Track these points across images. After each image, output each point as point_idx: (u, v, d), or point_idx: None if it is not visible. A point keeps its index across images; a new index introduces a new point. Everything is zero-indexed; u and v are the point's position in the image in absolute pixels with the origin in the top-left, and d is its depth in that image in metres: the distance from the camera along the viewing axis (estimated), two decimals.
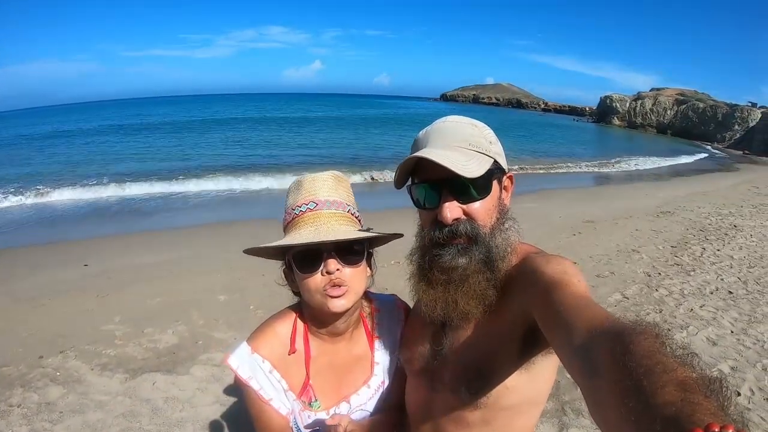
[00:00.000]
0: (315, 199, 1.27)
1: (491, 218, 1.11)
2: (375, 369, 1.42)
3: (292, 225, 1.27)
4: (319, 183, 1.30)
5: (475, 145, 1.09)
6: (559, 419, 3.56)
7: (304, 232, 1.22)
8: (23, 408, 3.63)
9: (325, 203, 1.27)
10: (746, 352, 4.62)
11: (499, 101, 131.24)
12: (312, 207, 1.26)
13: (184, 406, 3.69)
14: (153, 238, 8.68)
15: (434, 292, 1.14)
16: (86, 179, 14.41)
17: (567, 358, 0.81)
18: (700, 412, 0.50)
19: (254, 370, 1.25)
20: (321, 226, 1.23)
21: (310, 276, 1.22)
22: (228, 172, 15.75)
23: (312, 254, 1.21)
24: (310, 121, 45.80)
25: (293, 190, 1.32)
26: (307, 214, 1.25)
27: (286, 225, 1.30)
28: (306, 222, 1.25)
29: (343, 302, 1.22)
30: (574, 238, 8.65)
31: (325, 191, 1.29)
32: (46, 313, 5.30)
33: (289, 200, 1.31)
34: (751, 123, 54.65)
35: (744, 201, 14.08)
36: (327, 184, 1.30)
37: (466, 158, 1.06)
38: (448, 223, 1.08)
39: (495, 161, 1.11)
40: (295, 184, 1.33)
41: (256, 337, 1.30)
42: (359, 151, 24.20)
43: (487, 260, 1.10)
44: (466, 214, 1.09)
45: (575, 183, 17.67)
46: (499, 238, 1.11)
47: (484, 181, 1.07)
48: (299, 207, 1.27)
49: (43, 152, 23.11)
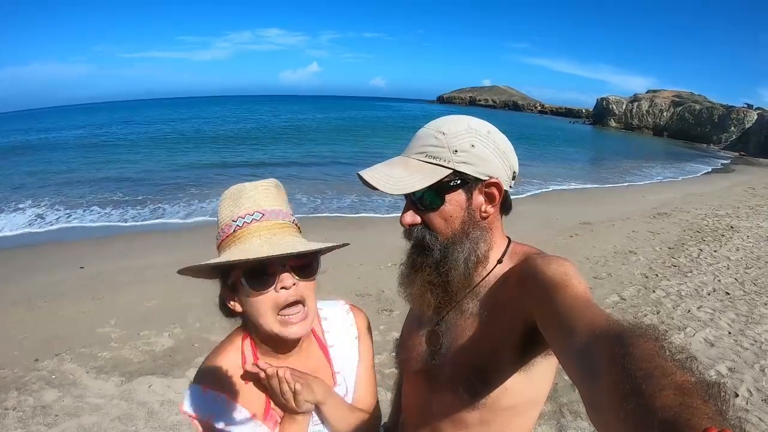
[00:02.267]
0: (260, 209, 1.16)
1: (449, 227, 1.12)
2: (337, 378, 1.34)
3: (234, 239, 1.14)
4: (262, 192, 1.19)
5: (433, 156, 1.09)
6: (557, 421, 3.56)
7: (252, 245, 1.11)
8: (18, 411, 3.61)
9: (271, 213, 1.17)
10: (744, 353, 4.62)
11: (495, 103, 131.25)
12: (258, 218, 1.15)
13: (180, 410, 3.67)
14: (148, 240, 8.67)
15: (402, 281, 1.22)
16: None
17: (566, 359, 0.81)
18: (698, 416, 0.49)
19: (212, 408, 1.15)
20: (271, 238, 1.13)
21: (263, 294, 1.11)
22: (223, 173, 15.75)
23: (264, 270, 1.11)
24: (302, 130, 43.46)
25: (231, 200, 1.19)
26: (252, 226, 1.14)
27: (224, 240, 1.17)
28: (252, 234, 1.13)
29: (299, 328, 1.15)
30: (571, 240, 8.67)
31: (269, 200, 1.18)
32: (42, 315, 5.28)
33: (225, 212, 1.19)
34: (747, 125, 54.84)
35: (740, 202, 14.14)
36: (270, 193, 1.20)
37: (409, 173, 1.09)
38: (404, 227, 1.15)
39: (455, 171, 1.08)
40: (234, 194, 1.20)
41: (204, 374, 1.20)
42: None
43: (437, 265, 1.13)
44: (423, 221, 1.13)
45: (571, 184, 17.70)
46: (460, 247, 1.12)
47: (433, 193, 1.10)
48: (242, 218, 1.15)
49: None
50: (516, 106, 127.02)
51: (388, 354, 4.49)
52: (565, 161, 25.58)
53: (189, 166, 18.58)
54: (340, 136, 35.41)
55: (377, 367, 4.52)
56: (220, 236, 1.19)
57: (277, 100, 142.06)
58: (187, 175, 16.20)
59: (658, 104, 69.65)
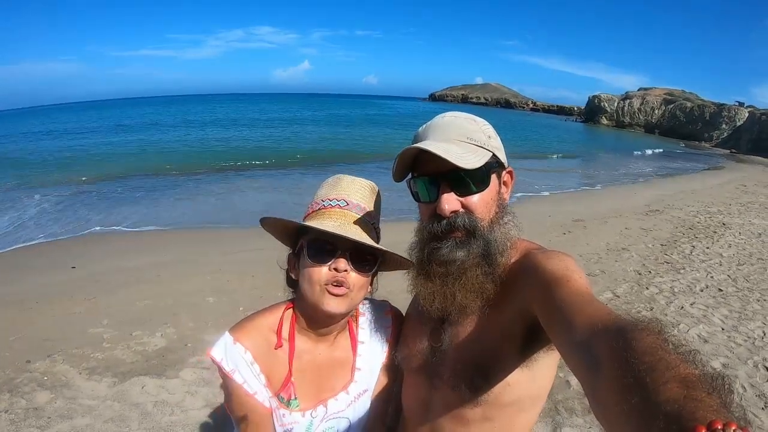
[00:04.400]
0: (348, 199, 1.26)
1: (490, 212, 1.11)
2: (356, 375, 1.36)
3: (317, 214, 1.25)
4: (357, 186, 1.30)
5: (473, 139, 1.09)
6: (552, 418, 3.56)
7: (326, 223, 1.19)
8: (10, 413, 3.57)
9: (356, 207, 1.26)
10: (737, 349, 4.65)
11: (487, 101, 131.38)
12: (342, 205, 1.25)
13: (173, 410, 3.65)
14: (141, 240, 8.63)
15: (432, 285, 1.14)
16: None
17: (568, 354, 0.81)
18: (702, 409, 0.49)
19: (237, 362, 1.20)
20: (346, 225, 1.21)
21: (318, 267, 1.19)
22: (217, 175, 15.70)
23: (327, 246, 1.19)
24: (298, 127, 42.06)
25: (329, 184, 1.31)
26: (335, 209, 1.24)
27: (310, 213, 1.27)
28: (332, 216, 1.23)
29: (339, 304, 1.19)
30: (564, 237, 8.69)
31: (359, 196, 1.28)
32: (33, 316, 5.23)
33: (321, 191, 1.30)
34: (738, 122, 55.25)
35: (732, 199, 14.24)
36: (363, 191, 1.30)
37: (464, 151, 1.05)
38: (446, 216, 1.08)
39: (494, 155, 1.11)
40: (333, 180, 1.32)
41: (240, 327, 1.25)
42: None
43: (485, 254, 1.09)
44: (465, 207, 1.09)
45: (563, 182, 17.77)
46: (498, 232, 1.11)
47: (482, 174, 1.08)
48: (330, 200, 1.26)
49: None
50: (508, 103, 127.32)
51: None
52: (559, 157, 25.67)
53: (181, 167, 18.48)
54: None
55: None
56: (307, 210, 1.29)
57: (268, 99, 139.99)
58: (176, 177, 16.10)
59: (649, 102, 70.01)
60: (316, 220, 1.22)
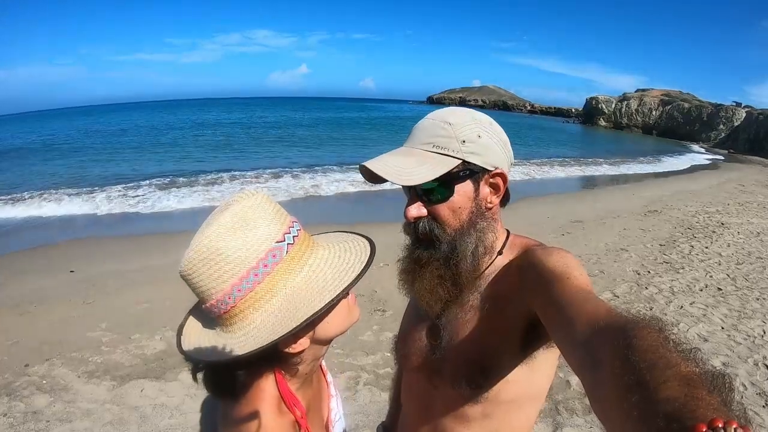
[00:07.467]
0: (289, 227, 0.95)
1: (458, 219, 1.10)
2: (328, 376, 1.30)
3: (286, 269, 0.91)
4: (270, 208, 0.95)
5: (439, 146, 1.07)
6: (553, 419, 3.56)
7: (332, 251, 0.99)
8: (9, 417, 3.56)
9: (297, 223, 0.99)
10: (737, 347, 4.65)
11: (485, 103, 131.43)
12: (297, 227, 0.97)
13: (173, 413, 3.64)
14: (140, 243, 8.61)
15: (405, 277, 1.19)
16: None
17: (568, 352, 0.80)
18: (703, 407, 0.49)
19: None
20: (332, 244, 1.02)
21: (344, 300, 0.99)
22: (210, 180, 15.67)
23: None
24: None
25: (247, 230, 0.90)
26: (302, 234, 0.97)
27: (272, 270, 0.90)
28: (315, 243, 1.00)
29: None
30: (563, 238, 8.69)
31: (282, 216, 0.96)
32: (32, 320, 5.22)
33: (258, 235, 0.90)
34: (735, 122, 55.44)
35: (730, 199, 14.27)
36: (270, 206, 0.95)
37: (418, 163, 1.05)
38: (409, 221, 1.12)
39: (463, 162, 1.07)
40: (240, 220, 0.91)
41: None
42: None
43: (446, 258, 1.11)
44: (430, 213, 1.10)
45: (562, 183, 17.79)
46: (468, 239, 1.11)
47: (442, 185, 1.07)
48: (288, 234, 0.93)
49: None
50: (506, 106, 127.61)
51: (382, 354, 4.48)
52: (558, 159, 25.72)
53: (179, 166, 18.45)
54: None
55: (371, 368, 4.51)
56: (263, 272, 0.90)
57: (265, 103, 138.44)
58: (175, 175, 16.08)
59: (647, 103, 70.21)
60: (298, 275, 0.92)
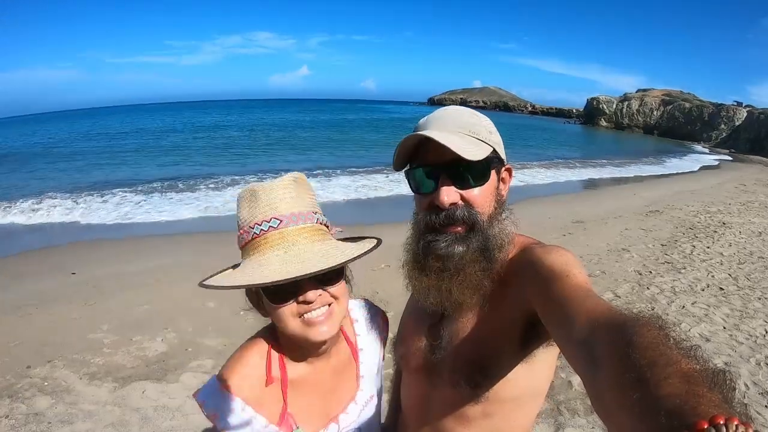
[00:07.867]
0: (277, 214, 1.06)
1: (489, 207, 1.09)
2: (360, 383, 1.31)
3: (253, 247, 1.07)
4: (279, 193, 1.09)
5: (475, 133, 1.08)
6: (554, 419, 3.55)
7: (270, 258, 1.03)
8: (11, 419, 3.56)
9: (291, 218, 1.07)
10: (739, 347, 4.65)
11: (486, 104, 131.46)
12: (275, 225, 1.05)
13: (174, 415, 3.64)
14: (140, 245, 8.61)
15: (428, 280, 1.11)
16: None
17: (569, 350, 0.80)
18: (704, 404, 0.49)
19: (222, 408, 1.10)
20: (290, 249, 1.04)
21: (285, 306, 1.06)
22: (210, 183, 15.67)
23: (284, 285, 1.01)
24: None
25: (247, 201, 1.10)
26: (270, 234, 1.05)
27: (244, 245, 1.10)
28: (270, 245, 1.05)
29: (326, 329, 1.09)
30: (564, 239, 8.68)
31: (287, 203, 1.08)
32: (33, 322, 5.22)
33: (244, 213, 1.10)
34: (736, 122, 55.46)
35: (731, 199, 14.25)
36: (288, 194, 1.09)
37: (466, 143, 1.04)
38: (444, 208, 1.05)
39: (494, 150, 1.10)
40: (249, 195, 1.10)
41: (226, 372, 1.12)
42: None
43: (484, 249, 1.07)
44: (464, 200, 1.06)
45: (562, 184, 17.77)
46: (497, 228, 1.10)
47: (483, 168, 1.06)
48: (258, 225, 1.06)
49: None
50: (507, 107, 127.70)
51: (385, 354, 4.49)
52: (559, 159, 25.70)
53: (179, 170, 18.45)
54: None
55: None
56: (243, 238, 1.10)
57: (266, 106, 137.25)
58: (176, 178, 16.08)
59: (648, 103, 70.21)
60: (256, 258, 1.05)
